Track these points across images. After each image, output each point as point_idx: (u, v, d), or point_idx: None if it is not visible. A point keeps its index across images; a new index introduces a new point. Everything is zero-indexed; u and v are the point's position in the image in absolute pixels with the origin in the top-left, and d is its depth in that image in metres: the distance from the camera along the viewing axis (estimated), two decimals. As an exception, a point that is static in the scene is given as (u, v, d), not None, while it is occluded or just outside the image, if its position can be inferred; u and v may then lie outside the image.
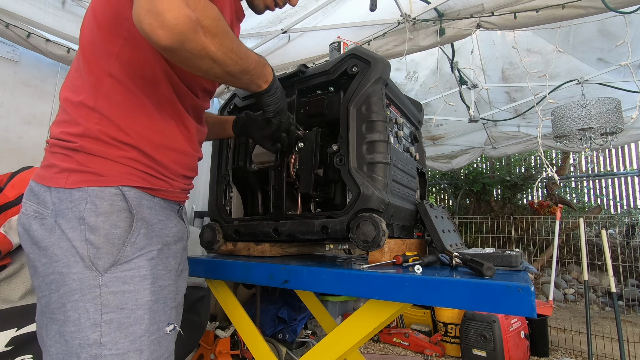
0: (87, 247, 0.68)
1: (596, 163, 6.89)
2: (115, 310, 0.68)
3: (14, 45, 2.26)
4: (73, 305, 0.67)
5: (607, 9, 1.66)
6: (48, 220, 0.70)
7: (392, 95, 1.06)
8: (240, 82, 0.79)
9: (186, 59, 0.64)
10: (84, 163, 0.71)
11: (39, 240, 0.70)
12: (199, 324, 1.83)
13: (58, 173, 0.72)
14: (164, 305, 0.76)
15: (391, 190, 0.94)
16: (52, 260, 0.69)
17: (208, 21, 0.62)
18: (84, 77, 0.75)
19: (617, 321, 2.29)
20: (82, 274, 0.68)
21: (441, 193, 7.80)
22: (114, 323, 0.68)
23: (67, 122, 0.74)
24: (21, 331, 1.23)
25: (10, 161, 2.21)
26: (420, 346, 3.01)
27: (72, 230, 0.68)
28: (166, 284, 0.77)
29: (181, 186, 0.87)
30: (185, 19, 0.58)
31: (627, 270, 4.68)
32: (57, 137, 0.74)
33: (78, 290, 0.67)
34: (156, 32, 0.57)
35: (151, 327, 0.71)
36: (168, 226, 0.81)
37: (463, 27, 2.02)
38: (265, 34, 2.57)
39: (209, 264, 1.06)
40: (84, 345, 0.66)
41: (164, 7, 0.56)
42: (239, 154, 1.20)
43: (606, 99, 2.62)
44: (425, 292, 0.72)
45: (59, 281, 0.68)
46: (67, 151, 0.72)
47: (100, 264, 0.68)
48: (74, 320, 0.67)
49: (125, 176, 0.73)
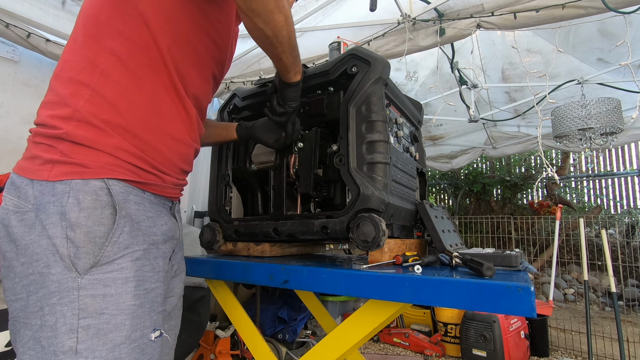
0: (68, 245, 0.63)
1: (596, 163, 6.90)
2: (94, 315, 0.63)
3: (14, 45, 2.26)
4: (51, 309, 0.62)
5: (607, 9, 1.65)
6: (28, 216, 0.65)
7: (392, 95, 1.06)
8: (291, 58, 0.83)
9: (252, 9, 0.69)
10: (68, 154, 0.66)
11: (17, 237, 0.65)
12: (199, 324, 1.83)
13: (41, 165, 0.66)
14: (150, 309, 0.70)
15: (391, 190, 0.94)
16: (32, 260, 0.63)
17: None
18: (81, 52, 0.71)
19: (617, 321, 2.29)
20: (61, 274, 0.62)
21: (441, 193, 7.80)
22: (91, 329, 0.62)
23: (54, 104, 0.69)
24: (21, 331, 1.23)
25: (10, 161, 2.21)
26: (420, 346, 3.01)
27: (53, 226, 0.63)
28: (152, 286, 0.71)
29: (174, 181, 0.81)
30: None
31: (627, 270, 4.68)
32: (43, 122, 0.69)
33: (56, 293, 0.62)
34: None
35: (133, 334, 0.66)
36: (157, 224, 0.75)
37: (463, 27, 2.02)
38: (265, 34, 2.56)
39: (208, 264, 1.06)
40: (58, 352, 0.61)
41: None
42: (238, 154, 1.20)
43: (606, 99, 2.62)
44: (425, 292, 0.72)
45: (39, 282, 0.63)
46: (51, 140, 0.67)
47: (79, 264, 0.63)
48: (51, 325, 0.62)
49: (111, 168, 0.68)
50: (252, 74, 2.76)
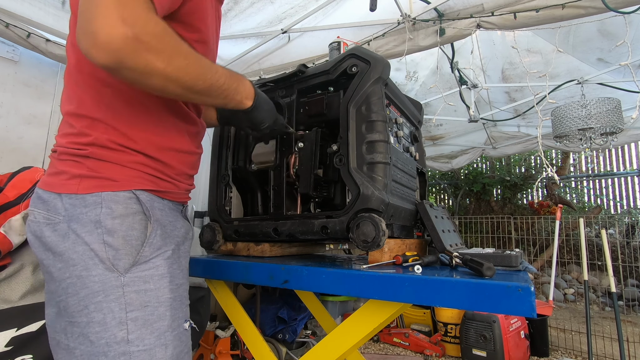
0: (106, 249, 0.69)
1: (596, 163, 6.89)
2: (140, 308, 0.70)
3: (14, 45, 2.26)
4: (97, 306, 0.68)
5: (607, 9, 1.65)
6: (61, 226, 0.71)
7: (392, 95, 1.06)
8: (213, 99, 0.76)
9: (132, 78, 0.61)
10: (95, 169, 0.72)
11: (52, 246, 0.71)
12: (199, 324, 1.83)
13: (69, 179, 0.72)
14: (181, 302, 0.78)
15: (391, 190, 0.93)
16: (69, 265, 0.70)
17: (148, 37, 0.58)
18: (83, 89, 0.76)
19: (617, 321, 2.29)
20: (103, 275, 0.69)
21: (441, 193, 7.80)
22: (139, 320, 0.70)
23: (74, 135, 0.75)
24: (21, 331, 1.23)
25: (10, 161, 2.21)
26: (420, 346, 3.01)
27: (89, 234, 0.69)
28: (181, 282, 0.79)
29: (185, 187, 0.89)
30: (119, 37, 0.56)
31: (627, 270, 4.68)
32: (65, 146, 0.75)
33: (101, 292, 0.69)
34: (90, 52, 0.56)
35: (173, 323, 0.74)
36: (177, 227, 0.82)
37: (463, 27, 2.02)
38: (265, 34, 2.56)
39: (209, 264, 1.06)
40: (112, 343, 0.68)
41: (97, 26, 0.55)
42: (238, 154, 1.20)
43: (606, 99, 2.62)
44: (425, 292, 0.72)
45: (78, 284, 0.69)
46: (76, 157, 0.73)
47: (120, 264, 0.70)
48: (99, 320, 0.68)
49: (136, 180, 0.75)
50: (252, 74, 2.76)
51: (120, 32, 0.56)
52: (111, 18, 0.55)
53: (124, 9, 0.56)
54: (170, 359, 0.72)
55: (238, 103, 0.82)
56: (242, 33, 2.55)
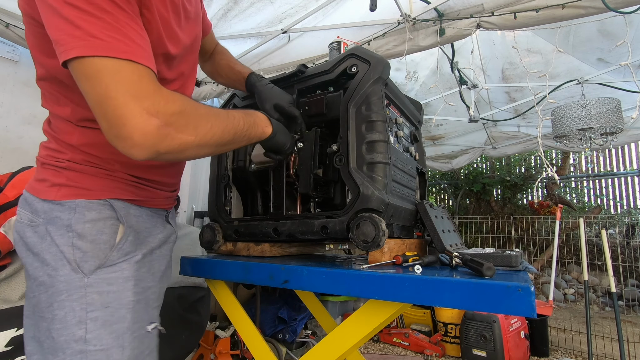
0: (74, 251, 0.73)
1: (596, 163, 6.89)
2: (100, 308, 0.72)
3: (14, 45, 2.26)
4: (60, 304, 0.71)
5: (607, 9, 1.65)
6: (40, 228, 0.75)
7: (391, 95, 1.06)
8: (239, 143, 0.79)
9: (170, 159, 0.66)
10: (73, 179, 0.76)
11: (32, 246, 0.75)
12: (199, 324, 1.83)
13: (49, 187, 0.76)
14: (146, 305, 0.80)
15: (391, 190, 0.93)
16: (43, 265, 0.73)
17: (174, 118, 0.61)
18: (56, 119, 0.79)
19: (617, 321, 2.29)
20: (68, 276, 0.72)
21: (441, 193, 7.80)
22: (99, 320, 0.72)
23: (54, 150, 0.78)
24: (21, 331, 1.23)
25: (10, 161, 2.21)
26: (420, 346, 3.01)
27: (61, 236, 0.73)
28: (149, 285, 0.82)
29: (166, 194, 0.92)
30: (151, 133, 0.58)
31: (627, 270, 4.68)
32: (45, 157, 0.79)
33: (65, 291, 0.71)
34: (132, 152, 0.59)
35: (133, 325, 0.76)
36: (153, 233, 0.85)
37: (463, 27, 2.02)
38: (265, 34, 2.57)
39: (208, 264, 1.06)
40: (70, 341, 0.70)
41: (129, 130, 0.57)
42: (238, 154, 1.20)
43: (606, 99, 2.62)
44: (425, 292, 0.72)
45: (48, 283, 0.72)
46: (56, 168, 0.77)
47: (86, 266, 0.73)
48: (60, 318, 0.71)
49: (111, 190, 0.78)
50: (252, 74, 2.76)
51: (151, 127, 0.58)
52: (137, 116, 0.57)
53: (143, 101, 0.58)
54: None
55: (261, 134, 0.85)
56: (242, 33, 2.55)
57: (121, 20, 0.60)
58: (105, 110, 0.57)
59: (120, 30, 0.59)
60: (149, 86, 0.60)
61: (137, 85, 0.59)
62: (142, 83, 0.59)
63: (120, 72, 0.58)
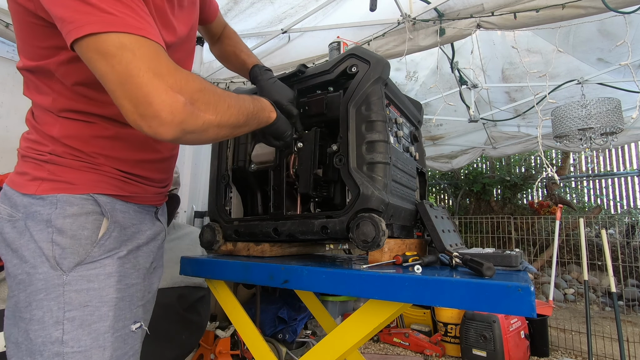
0: (53, 247, 0.69)
1: (596, 163, 6.89)
2: (78, 307, 0.69)
3: (14, 45, 2.26)
4: (38, 304, 0.68)
5: (607, 9, 1.65)
6: (19, 224, 0.71)
7: (391, 95, 1.06)
8: (250, 127, 0.78)
9: (194, 139, 0.63)
10: (55, 172, 0.72)
11: (10, 242, 0.71)
12: (199, 324, 1.83)
13: (30, 180, 0.73)
14: (130, 303, 0.76)
15: (391, 190, 0.93)
16: (22, 262, 0.70)
17: (197, 95, 0.59)
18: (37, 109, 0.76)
19: (617, 321, 2.29)
20: (47, 273, 0.68)
21: (441, 193, 7.80)
22: (76, 320, 0.68)
23: (34, 142, 0.75)
24: (21, 331, 1.23)
25: (10, 161, 2.21)
26: (420, 346, 3.01)
27: (40, 232, 0.70)
28: (133, 282, 0.78)
29: (156, 190, 0.88)
30: (179, 110, 0.56)
31: (627, 270, 4.68)
32: (25, 149, 0.76)
33: (43, 290, 0.68)
34: (159, 132, 0.56)
35: (116, 324, 0.72)
36: (141, 230, 0.82)
37: (463, 27, 2.02)
38: (265, 34, 2.57)
39: (209, 264, 1.06)
40: (47, 343, 0.67)
41: (157, 108, 0.55)
42: (238, 154, 1.19)
43: (606, 99, 2.62)
44: (425, 292, 0.72)
45: (26, 281, 0.69)
46: (37, 161, 0.74)
47: (65, 263, 0.69)
48: (38, 318, 0.68)
49: (96, 184, 0.74)
50: (252, 74, 2.76)
51: (179, 104, 0.56)
52: (164, 94, 0.55)
53: (167, 78, 0.56)
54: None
55: (267, 119, 0.84)
56: (242, 33, 2.55)
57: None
58: (129, 90, 0.54)
59: (128, 6, 0.57)
60: (168, 63, 0.58)
61: (157, 62, 0.56)
62: (161, 60, 0.57)
63: (140, 49, 0.55)
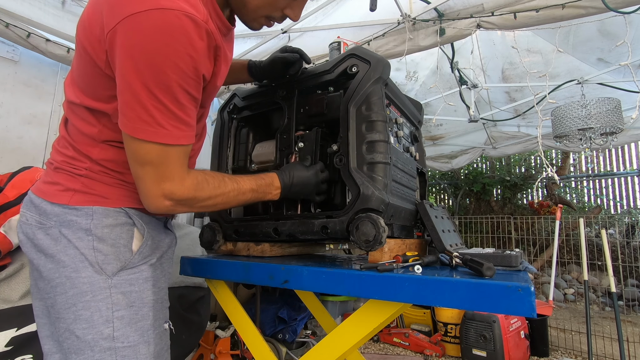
0: (96, 254, 0.76)
1: (596, 163, 6.89)
2: (125, 307, 0.76)
3: (14, 45, 2.26)
4: (85, 305, 0.74)
5: (607, 9, 1.65)
6: (53, 231, 0.76)
7: (392, 95, 1.06)
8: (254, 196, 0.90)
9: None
10: (89, 185, 0.78)
11: (44, 248, 0.76)
12: (199, 324, 1.83)
13: (62, 191, 0.78)
14: (162, 304, 0.85)
15: (391, 190, 0.93)
16: (59, 266, 0.75)
17: (184, 201, 0.75)
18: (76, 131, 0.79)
19: (617, 321, 2.29)
20: (91, 277, 0.75)
21: (441, 193, 7.80)
22: (125, 319, 0.76)
23: (72, 158, 0.80)
24: (21, 331, 1.23)
25: (10, 161, 2.21)
26: (420, 346, 3.01)
27: (79, 240, 0.75)
28: (163, 286, 0.87)
29: None
30: (162, 209, 0.74)
31: (627, 270, 4.68)
32: (61, 164, 0.80)
33: (89, 292, 0.74)
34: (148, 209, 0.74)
35: (155, 323, 0.81)
36: (162, 239, 0.90)
37: (463, 27, 2.02)
38: (265, 34, 2.57)
39: (209, 264, 1.06)
40: (98, 339, 0.73)
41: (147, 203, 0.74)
42: (239, 154, 1.20)
43: (606, 99, 2.62)
44: (425, 292, 0.72)
45: (67, 285, 0.74)
46: (72, 174, 0.79)
47: (108, 268, 0.76)
48: (86, 318, 0.73)
49: (127, 199, 0.82)
50: (252, 74, 2.76)
51: (163, 207, 0.73)
52: (153, 198, 0.72)
53: (163, 185, 0.71)
54: (153, 355, 0.78)
55: (274, 193, 0.94)
56: (242, 33, 2.55)
57: (188, 109, 0.70)
58: (137, 181, 0.72)
59: (183, 120, 0.69)
60: (174, 170, 0.71)
61: (166, 170, 0.70)
62: (174, 166, 0.71)
63: (163, 158, 0.69)
